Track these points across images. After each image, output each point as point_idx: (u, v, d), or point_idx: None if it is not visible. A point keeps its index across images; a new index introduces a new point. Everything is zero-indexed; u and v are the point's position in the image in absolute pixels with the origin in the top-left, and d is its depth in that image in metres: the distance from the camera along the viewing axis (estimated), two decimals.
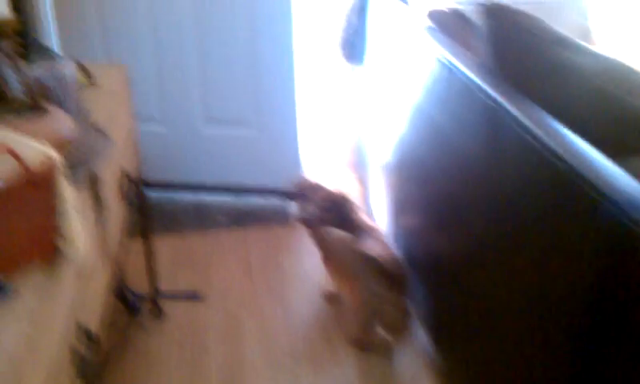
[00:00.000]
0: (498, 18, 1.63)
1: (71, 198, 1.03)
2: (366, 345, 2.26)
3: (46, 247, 1.04)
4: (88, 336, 1.25)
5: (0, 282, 0.97)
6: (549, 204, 1.28)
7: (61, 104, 1.51)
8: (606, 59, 1.49)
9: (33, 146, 1.00)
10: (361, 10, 2.60)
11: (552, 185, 1.26)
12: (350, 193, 2.63)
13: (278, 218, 3.16)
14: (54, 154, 1.00)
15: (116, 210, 1.69)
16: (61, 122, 1.37)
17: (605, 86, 1.40)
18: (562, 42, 1.48)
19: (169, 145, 3.18)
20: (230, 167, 3.23)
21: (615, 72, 1.45)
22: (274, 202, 3.27)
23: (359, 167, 3.25)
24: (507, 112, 1.40)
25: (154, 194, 3.09)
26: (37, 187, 0.97)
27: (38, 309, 0.99)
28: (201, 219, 3.16)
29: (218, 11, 2.91)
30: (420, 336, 2.27)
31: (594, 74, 1.44)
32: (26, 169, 0.96)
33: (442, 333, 2.09)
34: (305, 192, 2.50)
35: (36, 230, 1.01)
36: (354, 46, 2.70)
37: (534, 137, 1.30)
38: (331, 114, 3.50)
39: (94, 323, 1.37)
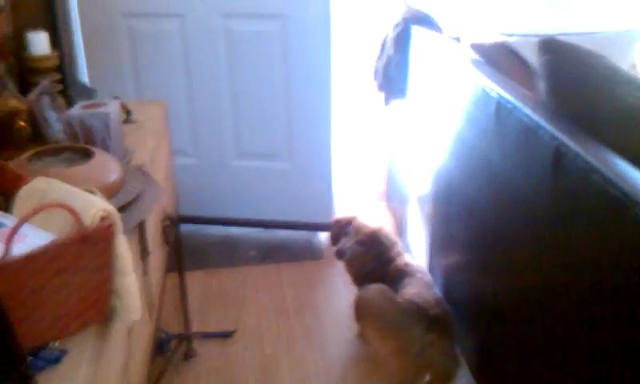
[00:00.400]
0: (558, 53, 1.55)
1: (129, 256, 0.96)
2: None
3: (101, 308, 0.97)
4: None
5: (54, 352, 0.90)
6: (623, 251, 1.20)
7: (105, 146, 1.45)
8: None
9: (90, 201, 0.93)
10: (400, 43, 2.54)
11: (629, 233, 1.18)
12: (385, 228, 2.55)
13: (310, 253, 3.08)
14: (112, 210, 0.93)
15: (158, 254, 1.62)
16: (107, 166, 1.31)
17: None
18: (630, 81, 1.40)
19: (200, 178, 3.12)
20: (262, 201, 3.17)
21: None
22: (305, 236, 3.20)
23: (394, 201, 3.17)
24: (578, 155, 1.32)
25: (183, 228, 3.03)
26: (94, 245, 0.91)
27: (92, 377, 0.92)
28: (231, 254, 3.09)
29: (251, 45, 2.87)
30: (466, 377, 2.18)
31: None
32: (84, 227, 0.89)
33: (489, 375, 2.00)
34: (344, 228, 2.42)
35: (92, 291, 0.94)
36: (391, 79, 2.64)
37: (610, 181, 1.22)
38: (363, 145, 3.42)
39: (140, 378, 1.30)
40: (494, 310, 1.91)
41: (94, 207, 0.92)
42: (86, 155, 1.35)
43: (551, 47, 1.57)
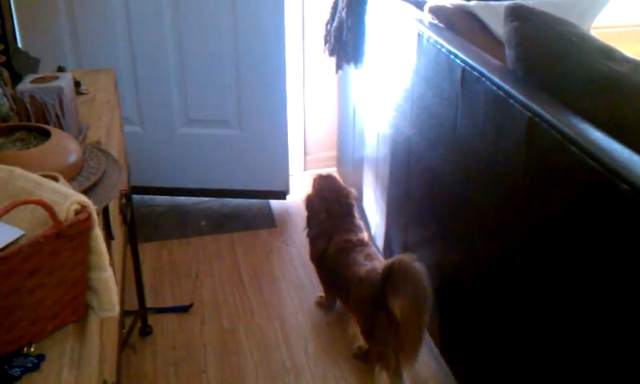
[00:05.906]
0: (527, 20, 1.53)
1: (105, 250, 0.89)
2: (372, 358, 2.15)
3: (77, 307, 0.90)
4: None
5: (32, 358, 0.83)
6: (602, 223, 1.20)
7: (59, 123, 1.35)
8: None
9: (63, 192, 0.85)
10: (354, 6, 2.46)
11: (609, 204, 1.18)
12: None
13: (263, 222, 3.03)
14: (88, 202, 0.86)
15: (119, 236, 1.54)
16: (66, 146, 1.21)
17: None
18: (604, 51, 1.39)
19: (146, 147, 2.99)
20: (212, 169, 3.07)
21: None
22: (258, 204, 3.13)
23: (346, 166, 3.14)
24: (554, 125, 1.31)
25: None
26: (71, 241, 0.83)
27: (72, 379, 0.85)
28: (181, 225, 3.00)
29: (198, 2, 2.74)
30: (430, 349, 2.19)
31: None
32: (59, 222, 0.81)
33: (454, 347, 2.01)
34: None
35: (68, 290, 0.87)
36: (344, 44, 2.57)
37: (589, 153, 1.21)
38: (314, 110, 3.36)
39: (112, 370, 1.23)
40: (457, 279, 1.91)
41: (68, 199, 0.84)
42: (42, 135, 1.25)
43: (520, 13, 1.54)
